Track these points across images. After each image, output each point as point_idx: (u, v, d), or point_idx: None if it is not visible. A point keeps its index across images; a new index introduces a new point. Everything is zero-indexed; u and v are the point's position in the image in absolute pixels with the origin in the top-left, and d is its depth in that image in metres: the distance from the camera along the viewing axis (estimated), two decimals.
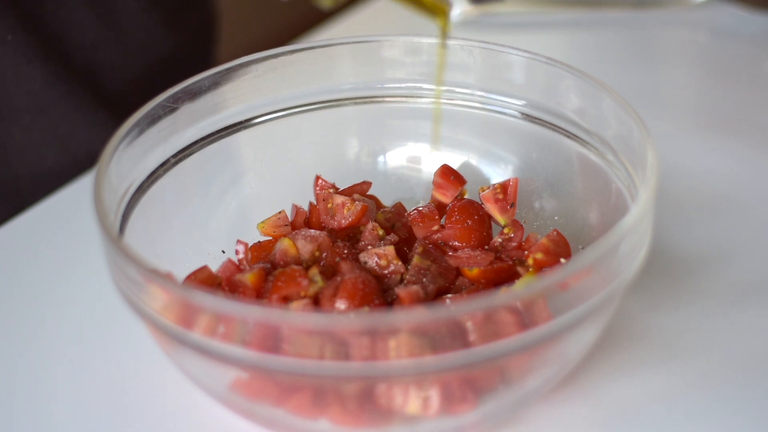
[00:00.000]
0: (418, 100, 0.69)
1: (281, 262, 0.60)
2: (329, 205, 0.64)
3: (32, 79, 0.80)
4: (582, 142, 0.64)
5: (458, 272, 0.61)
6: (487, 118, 0.67)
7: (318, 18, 1.07)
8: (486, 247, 0.63)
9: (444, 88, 0.67)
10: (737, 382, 0.59)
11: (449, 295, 0.59)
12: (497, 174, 0.68)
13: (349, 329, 0.49)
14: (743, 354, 0.61)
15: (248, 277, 0.58)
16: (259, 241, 0.64)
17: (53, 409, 0.60)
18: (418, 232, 0.64)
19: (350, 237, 0.64)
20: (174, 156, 0.63)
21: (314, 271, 0.58)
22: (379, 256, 0.60)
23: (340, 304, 0.56)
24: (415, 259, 0.60)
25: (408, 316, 0.51)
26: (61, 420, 0.59)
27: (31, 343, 0.64)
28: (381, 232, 0.63)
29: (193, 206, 0.65)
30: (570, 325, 0.51)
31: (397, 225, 0.64)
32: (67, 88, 0.81)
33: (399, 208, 0.66)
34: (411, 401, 0.52)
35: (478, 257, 0.61)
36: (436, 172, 0.66)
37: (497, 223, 0.64)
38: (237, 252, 0.63)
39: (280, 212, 0.65)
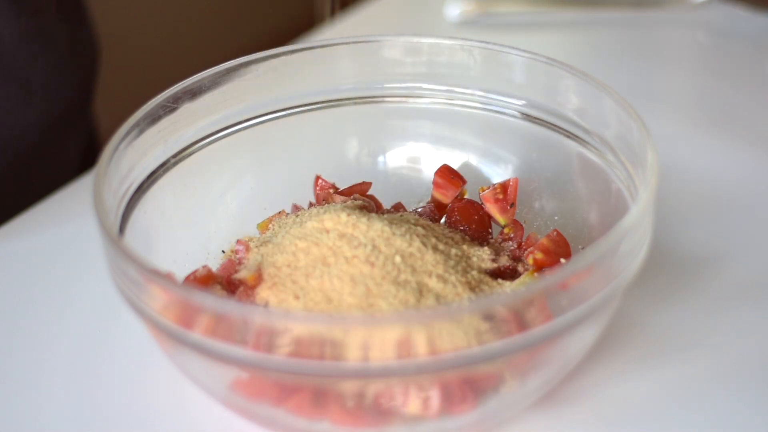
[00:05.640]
0: (418, 100, 0.69)
1: None
2: None
3: None
4: (582, 142, 0.64)
5: None
6: (487, 118, 0.67)
7: (318, 18, 1.07)
8: (486, 246, 0.63)
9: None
10: (738, 382, 0.59)
11: None
12: (497, 174, 0.68)
13: (349, 329, 0.49)
14: (744, 354, 0.61)
15: (248, 277, 0.58)
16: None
17: (52, 408, 0.60)
18: None
19: None
20: (174, 156, 0.63)
21: None
22: None
23: None
24: None
25: (407, 316, 0.51)
26: (61, 420, 0.59)
27: (31, 344, 0.64)
28: None
29: (193, 206, 0.65)
30: (570, 325, 0.51)
31: None
32: None
33: (399, 208, 0.66)
34: (411, 401, 0.52)
35: None
36: (436, 172, 0.66)
37: (497, 223, 0.64)
38: (237, 252, 0.63)
39: (280, 212, 0.65)
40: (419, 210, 0.65)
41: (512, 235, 0.63)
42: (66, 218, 0.74)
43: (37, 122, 0.82)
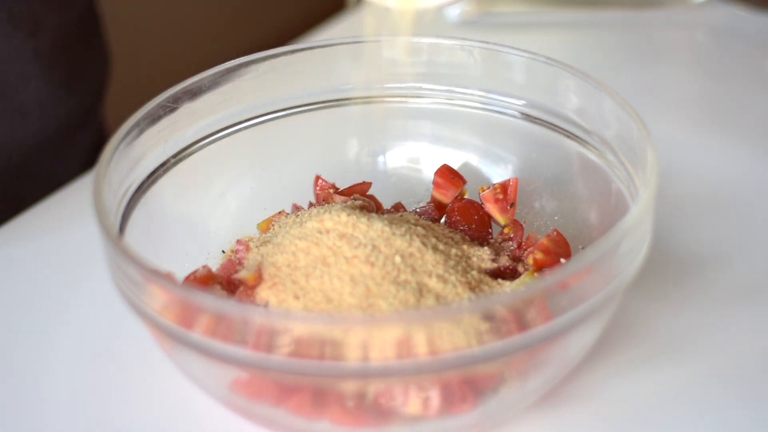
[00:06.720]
0: (418, 100, 0.69)
1: None
2: None
3: None
4: (582, 142, 0.64)
5: None
6: (487, 118, 0.67)
7: (318, 18, 1.07)
8: (486, 246, 0.63)
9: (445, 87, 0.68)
10: (738, 382, 0.59)
11: None
12: (497, 174, 0.68)
13: (349, 329, 0.49)
14: (744, 354, 0.61)
15: (248, 277, 0.58)
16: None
17: (53, 409, 0.60)
18: None
19: None
20: (174, 156, 0.63)
21: None
22: None
23: None
24: None
25: (407, 316, 0.51)
26: (62, 420, 0.59)
27: (31, 344, 0.64)
28: None
29: (193, 206, 0.65)
30: (570, 325, 0.51)
31: None
32: None
33: (399, 208, 0.66)
34: (411, 401, 0.52)
35: None
36: (436, 172, 0.66)
37: (497, 223, 0.65)
38: (237, 252, 0.63)
39: (280, 212, 0.65)
40: (419, 210, 0.66)
41: (512, 235, 0.64)
42: (66, 218, 0.74)
43: (29, 142, 0.81)
